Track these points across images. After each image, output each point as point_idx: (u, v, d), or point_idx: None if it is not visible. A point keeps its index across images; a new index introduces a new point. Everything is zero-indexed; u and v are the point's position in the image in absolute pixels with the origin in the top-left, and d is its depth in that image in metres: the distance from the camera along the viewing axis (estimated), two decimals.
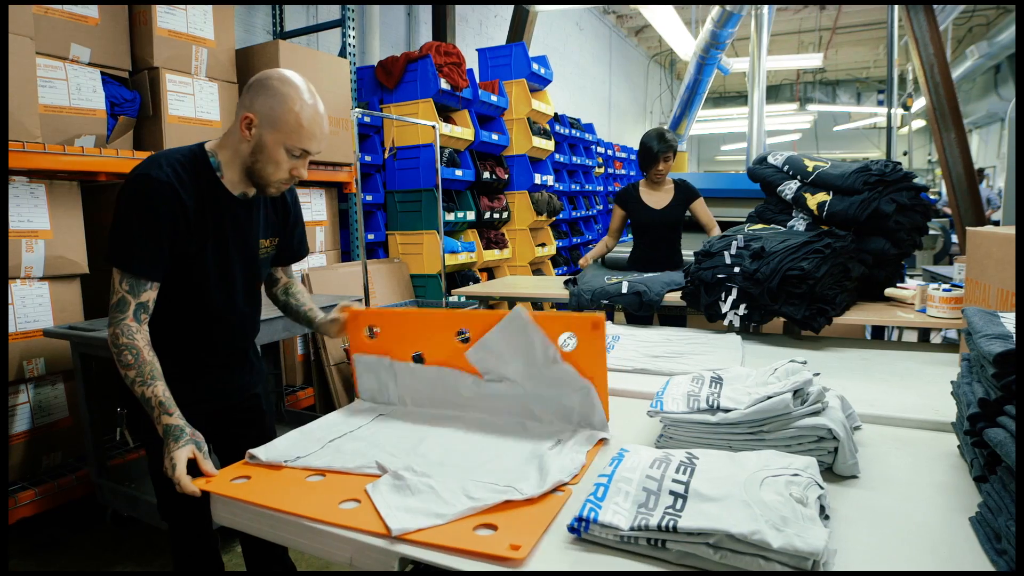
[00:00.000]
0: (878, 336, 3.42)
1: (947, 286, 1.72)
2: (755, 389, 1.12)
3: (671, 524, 0.74)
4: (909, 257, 2.09)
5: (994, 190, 8.95)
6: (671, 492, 0.81)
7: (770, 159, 2.22)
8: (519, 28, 5.61)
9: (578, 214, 6.80)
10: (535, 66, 4.87)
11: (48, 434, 2.32)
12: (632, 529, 0.75)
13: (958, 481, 0.96)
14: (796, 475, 0.83)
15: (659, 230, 2.91)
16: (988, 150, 12.43)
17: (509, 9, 6.26)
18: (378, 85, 4.10)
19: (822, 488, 0.82)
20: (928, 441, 1.12)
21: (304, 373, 3.42)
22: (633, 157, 10.03)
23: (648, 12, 5.81)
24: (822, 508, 0.79)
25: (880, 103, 13.45)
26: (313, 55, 3.13)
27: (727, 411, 1.05)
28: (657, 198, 2.87)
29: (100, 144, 2.41)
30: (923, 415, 1.21)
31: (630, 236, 3.12)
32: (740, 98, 15.87)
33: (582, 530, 0.79)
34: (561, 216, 6.01)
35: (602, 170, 8.12)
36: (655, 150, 2.79)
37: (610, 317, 2.80)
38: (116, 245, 1.19)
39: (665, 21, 6.19)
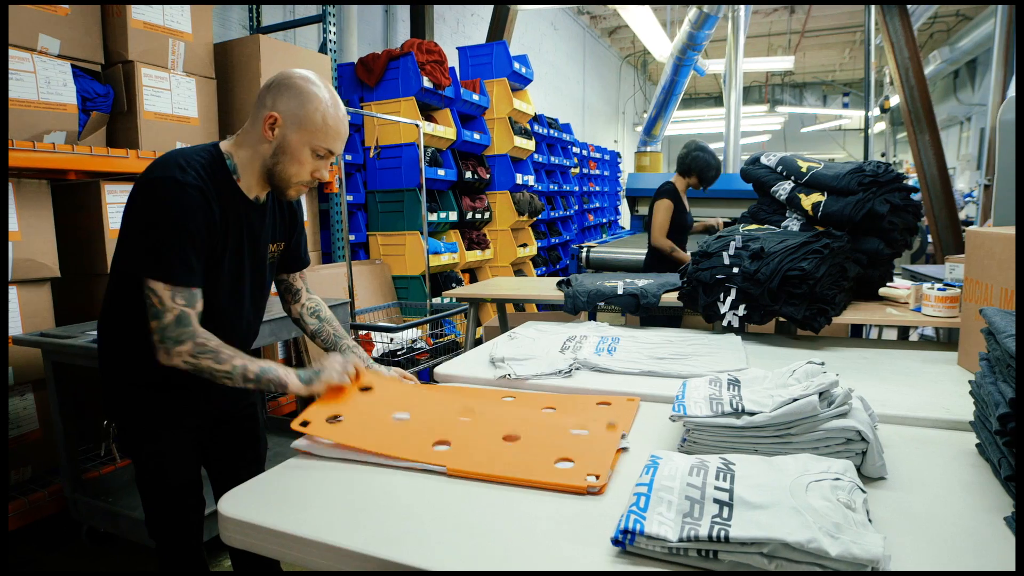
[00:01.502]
0: (856, 334, 3.49)
1: (940, 285, 1.74)
2: (776, 391, 1.11)
3: (722, 534, 0.72)
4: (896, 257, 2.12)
5: (955, 189, 9.26)
6: (715, 500, 0.78)
7: (763, 160, 2.24)
8: (499, 27, 5.58)
9: (556, 214, 6.80)
10: (516, 65, 4.85)
11: (17, 447, 2.20)
12: (681, 540, 0.73)
13: (982, 480, 0.97)
14: (838, 479, 0.82)
15: (687, 231, 3.29)
16: (948, 152, 12.87)
17: (486, 8, 6.22)
18: (358, 83, 4.01)
19: (864, 492, 0.81)
20: (945, 440, 1.13)
21: None
22: (607, 157, 10.09)
23: (625, 13, 5.84)
24: (866, 512, 0.78)
25: (845, 105, 13.84)
26: (294, 51, 3.05)
27: (752, 414, 1.04)
28: (686, 202, 3.30)
29: (71, 141, 2.29)
30: (936, 414, 1.22)
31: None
32: (709, 99, 16.13)
33: (627, 543, 0.76)
34: (539, 216, 5.99)
35: (577, 170, 8.14)
36: (719, 170, 3.23)
37: (592, 316, 2.79)
38: (156, 257, 1.11)
39: (642, 22, 6.23)
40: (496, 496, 0.92)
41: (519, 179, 4.97)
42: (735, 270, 1.85)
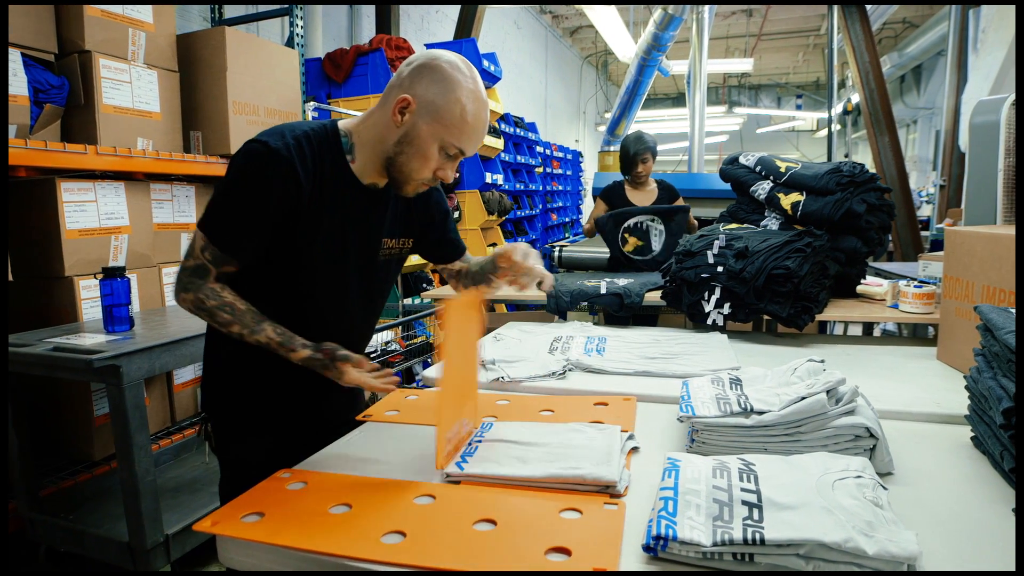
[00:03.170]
0: (821, 331, 3.59)
1: (917, 282, 1.80)
2: (780, 390, 1.11)
3: (757, 536, 0.71)
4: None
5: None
6: (744, 502, 0.78)
7: (742, 159, 2.27)
8: (467, 24, 5.52)
9: (522, 213, 6.79)
10: (485, 63, 4.81)
11: None
12: (715, 544, 0.72)
13: (982, 472, 0.99)
14: (860, 477, 0.82)
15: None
16: None
17: (452, 6, 6.16)
18: (325, 79, 3.91)
19: (886, 489, 0.82)
20: (939, 434, 1.16)
21: None
22: (569, 156, 10.13)
23: (592, 13, 5.87)
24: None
25: (798, 107, 14.30)
26: (261, 44, 2.94)
27: (760, 413, 1.04)
28: (641, 197, 3.04)
29: (23, 135, 2.15)
30: (927, 408, 1.25)
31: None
32: (667, 100, 16.42)
33: (659, 549, 0.74)
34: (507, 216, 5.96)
35: (541, 169, 8.15)
36: (631, 151, 2.94)
37: (563, 316, 2.79)
38: (212, 212, 1.06)
39: (607, 23, 6.28)
40: None
41: (488, 178, 4.94)
42: (719, 269, 1.87)
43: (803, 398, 1.01)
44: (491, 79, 5.03)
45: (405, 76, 1.07)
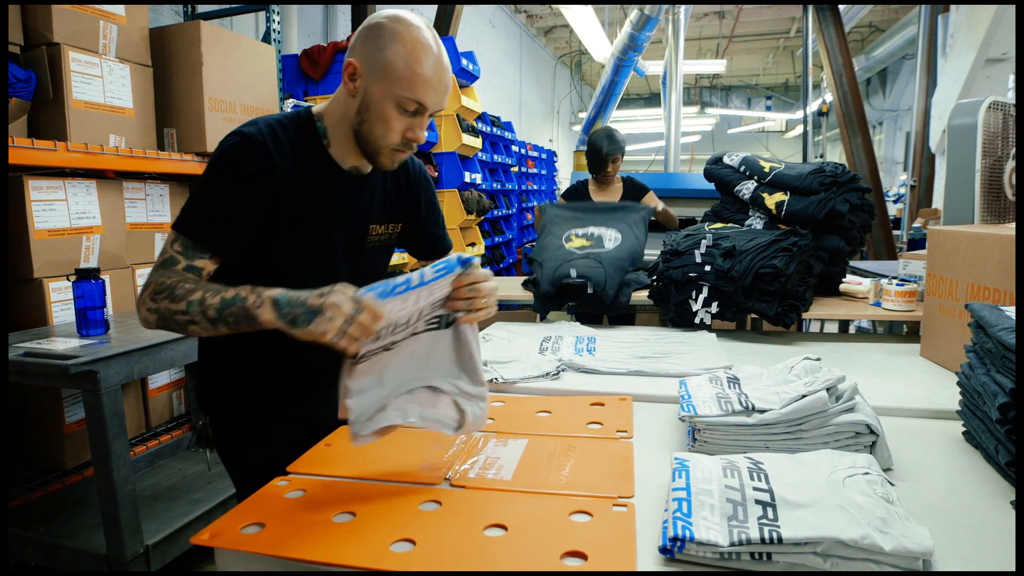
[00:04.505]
0: (798, 329, 3.66)
1: (899, 280, 1.84)
2: (779, 388, 1.12)
3: (774, 535, 0.71)
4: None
5: None
6: (757, 501, 0.78)
7: (726, 159, 2.29)
8: (444, 23, 5.48)
9: (499, 213, 6.77)
10: (464, 62, 4.78)
11: None
12: (733, 544, 0.72)
13: (976, 466, 1.02)
14: (867, 473, 0.83)
15: None
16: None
17: (427, 5, 6.10)
18: (302, 75, 3.84)
19: (892, 484, 0.83)
20: (931, 429, 1.18)
21: None
22: (544, 156, 10.15)
23: (568, 13, 5.89)
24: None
25: (768, 108, 14.59)
26: (237, 39, 2.87)
27: (762, 411, 1.04)
28: (606, 195, 2.93)
29: None
30: (918, 404, 1.27)
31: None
32: (639, 100, 16.58)
33: (676, 550, 0.74)
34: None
35: (516, 168, 8.15)
36: (604, 151, 2.84)
37: (544, 317, 2.77)
38: (187, 206, 1.02)
39: (583, 23, 6.30)
40: None
41: (467, 177, 4.91)
42: (707, 268, 1.89)
43: (803, 396, 1.02)
44: (469, 78, 5.00)
45: (353, 42, 1.05)
